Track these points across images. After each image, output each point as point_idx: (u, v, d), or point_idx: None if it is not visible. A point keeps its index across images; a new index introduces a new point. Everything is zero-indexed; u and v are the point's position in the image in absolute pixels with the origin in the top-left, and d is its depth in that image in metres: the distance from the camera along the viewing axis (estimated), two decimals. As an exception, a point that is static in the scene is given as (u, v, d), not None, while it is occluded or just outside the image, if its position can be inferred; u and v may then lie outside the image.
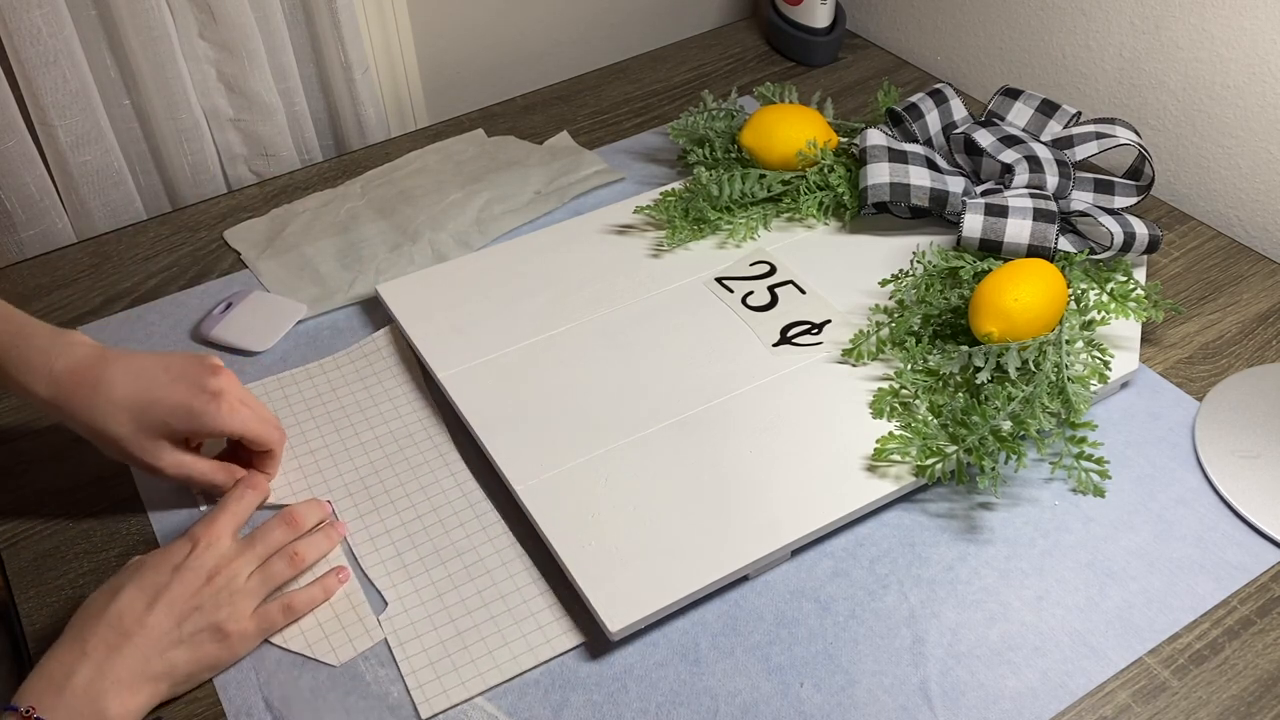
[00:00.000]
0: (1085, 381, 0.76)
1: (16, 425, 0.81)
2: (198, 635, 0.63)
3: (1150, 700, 0.64)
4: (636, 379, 0.81)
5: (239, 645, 0.65)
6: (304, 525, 0.70)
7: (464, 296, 0.88)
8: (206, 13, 0.98)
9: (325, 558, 0.71)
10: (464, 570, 0.71)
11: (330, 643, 0.67)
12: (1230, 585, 0.70)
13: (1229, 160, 0.98)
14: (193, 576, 0.64)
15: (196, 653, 0.63)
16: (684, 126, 1.02)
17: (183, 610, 0.63)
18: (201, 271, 0.95)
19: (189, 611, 0.63)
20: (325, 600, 0.69)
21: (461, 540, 0.73)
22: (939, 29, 1.21)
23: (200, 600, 0.64)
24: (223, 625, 0.64)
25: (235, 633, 0.64)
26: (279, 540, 0.69)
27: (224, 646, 0.64)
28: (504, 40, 1.22)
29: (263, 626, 0.66)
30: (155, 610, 0.62)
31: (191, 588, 0.64)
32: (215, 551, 0.66)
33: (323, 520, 0.72)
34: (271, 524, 0.69)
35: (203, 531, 0.66)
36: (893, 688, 0.65)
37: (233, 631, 0.64)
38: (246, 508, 0.70)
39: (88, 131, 0.97)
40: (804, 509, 0.71)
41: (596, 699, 0.65)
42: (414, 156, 1.07)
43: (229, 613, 0.64)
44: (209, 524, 0.67)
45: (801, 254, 0.92)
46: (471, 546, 0.72)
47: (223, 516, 0.68)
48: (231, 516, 0.68)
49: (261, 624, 0.66)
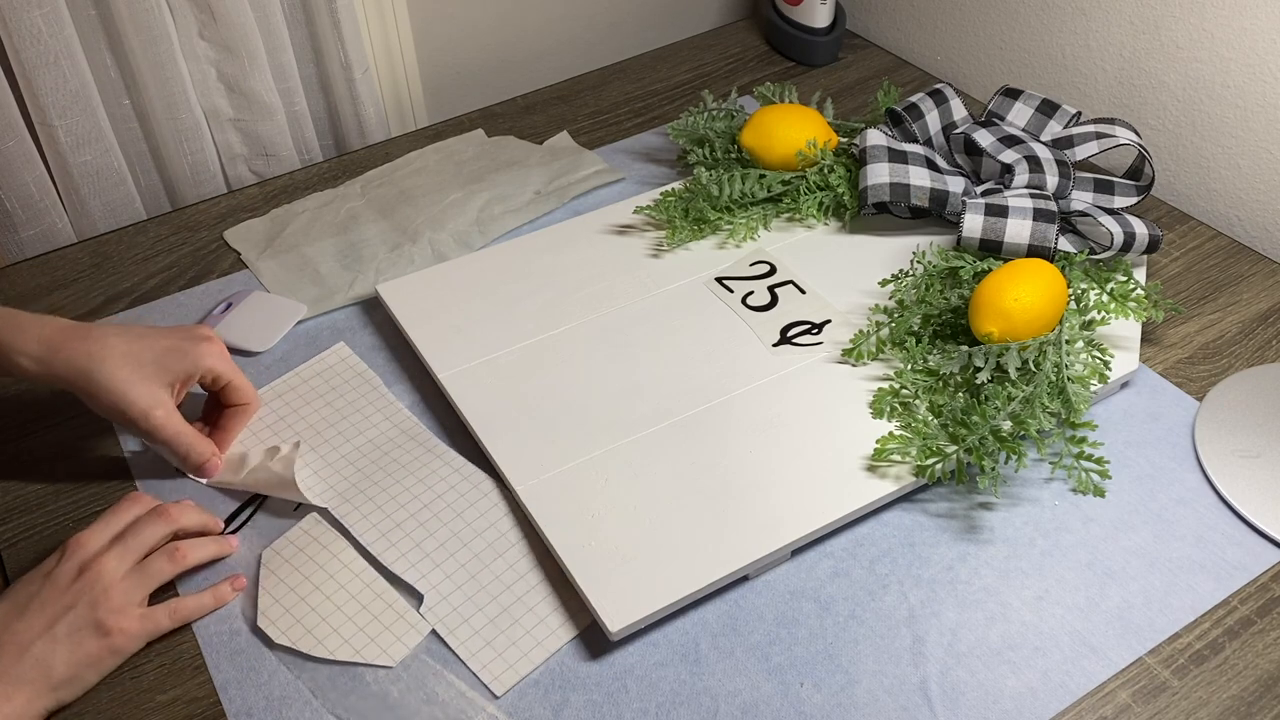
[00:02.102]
0: (1085, 381, 0.76)
1: (16, 425, 0.81)
2: (76, 634, 0.62)
3: (1150, 700, 0.65)
4: (636, 379, 0.81)
5: (122, 643, 0.63)
6: (177, 520, 0.68)
7: (464, 296, 0.88)
8: (206, 13, 0.98)
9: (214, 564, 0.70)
10: (489, 548, 0.71)
11: (378, 645, 0.67)
12: (1230, 585, 0.70)
13: (1229, 160, 0.98)
14: (63, 578, 0.63)
15: (76, 652, 0.62)
16: (684, 126, 1.02)
17: (54, 611, 0.62)
18: (201, 272, 0.95)
19: (62, 611, 0.62)
20: (216, 608, 0.68)
21: (478, 520, 0.73)
22: (939, 29, 1.21)
23: (72, 599, 0.62)
24: (102, 621, 0.62)
25: (116, 629, 0.63)
26: (152, 535, 0.67)
27: (106, 644, 0.63)
28: (504, 40, 1.22)
29: (148, 627, 0.65)
30: (25, 615, 0.61)
31: (60, 587, 0.63)
32: (85, 551, 0.65)
33: (205, 527, 0.71)
34: (144, 519, 0.68)
35: (73, 540, 0.65)
36: (893, 688, 0.65)
37: (113, 628, 0.63)
38: (121, 520, 0.68)
39: (88, 131, 0.97)
40: (804, 509, 0.71)
41: (596, 699, 0.65)
42: (414, 156, 1.07)
43: (106, 608, 0.63)
44: (82, 533, 0.66)
45: (801, 254, 0.92)
46: (490, 524, 0.73)
47: (97, 525, 0.67)
48: (105, 526, 0.67)
49: (146, 624, 0.65)
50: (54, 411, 0.82)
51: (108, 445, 0.80)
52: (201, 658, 0.67)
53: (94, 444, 0.80)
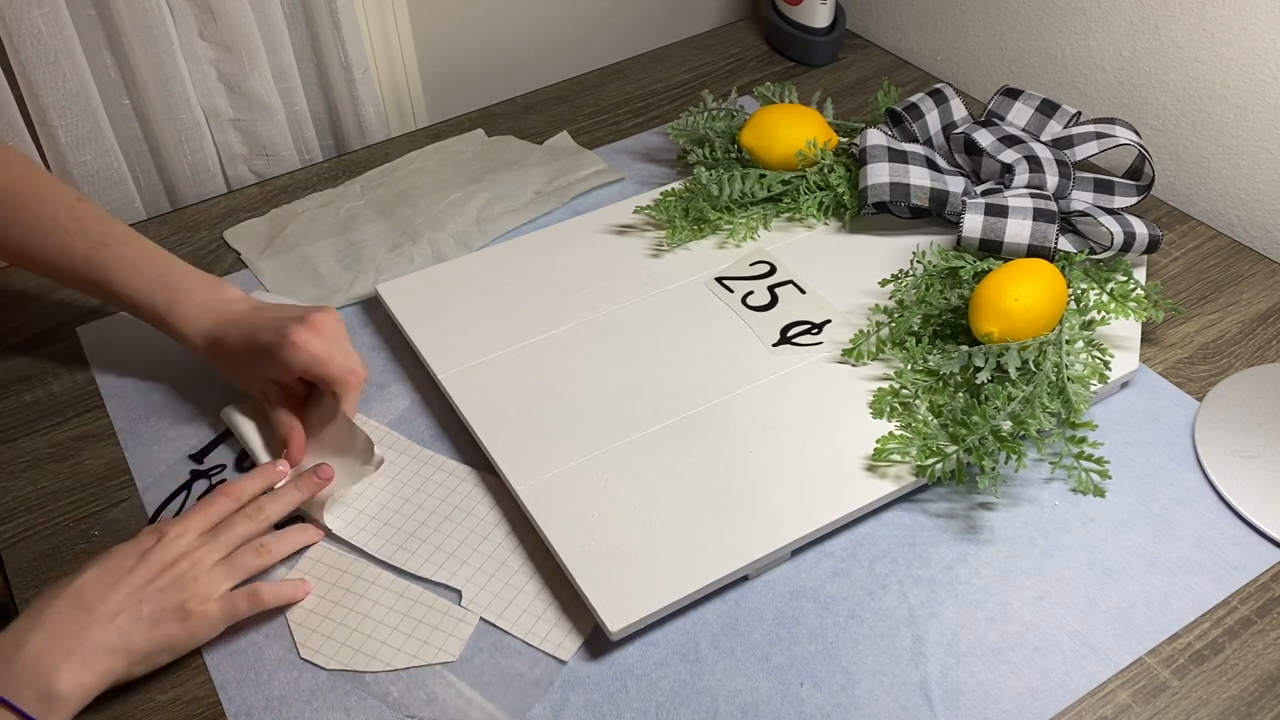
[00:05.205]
0: (1085, 381, 0.76)
1: (16, 425, 0.81)
2: (160, 614, 0.63)
3: (1150, 700, 0.64)
4: (636, 379, 0.81)
5: (201, 627, 0.65)
6: (271, 519, 0.71)
7: (464, 296, 0.88)
8: (206, 13, 0.98)
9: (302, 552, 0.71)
10: (510, 535, 0.72)
11: (433, 645, 0.67)
12: (1230, 585, 0.70)
13: (1229, 160, 0.98)
14: (156, 562, 0.65)
15: (156, 631, 0.63)
16: (684, 126, 1.02)
17: (144, 592, 0.63)
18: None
19: (151, 593, 0.63)
20: (294, 601, 0.69)
21: (489, 513, 0.74)
22: (939, 29, 1.21)
23: (163, 584, 0.64)
24: (185, 604, 0.64)
25: (198, 613, 0.64)
26: (245, 532, 0.69)
27: (185, 627, 0.64)
28: (504, 40, 1.22)
29: (227, 612, 0.66)
30: (117, 589, 0.63)
31: (154, 571, 0.64)
32: (182, 542, 0.66)
33: (271, 484, 0.73)
34: (235, 518, 0.69)
35: (171, 525, 0.67)
36: (893, 688, 0.65)
37: (195, 611, 0.64)
38: (218, 511, 0.70)
39: (88, 131, 0.97)
40: (804, 509, 0.71)
41: (596, 699, 0.65)
42: (414, 156, 1.07)
43: (192, 593, 0.64)
44: (179, 519, 0.68)
45: (801, 254, 0.92)
46: (503, 514, 0.73)
47: (194, 514, 0.68)
48: (202, 516, 0.69)
49: (226, 609, 0.66)
50: (54, 411, 0.82)
51: (108, 445, 0.80)
52: (201, 658, 0.67)
53: (94, 444, 0.80)
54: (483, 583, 0.70)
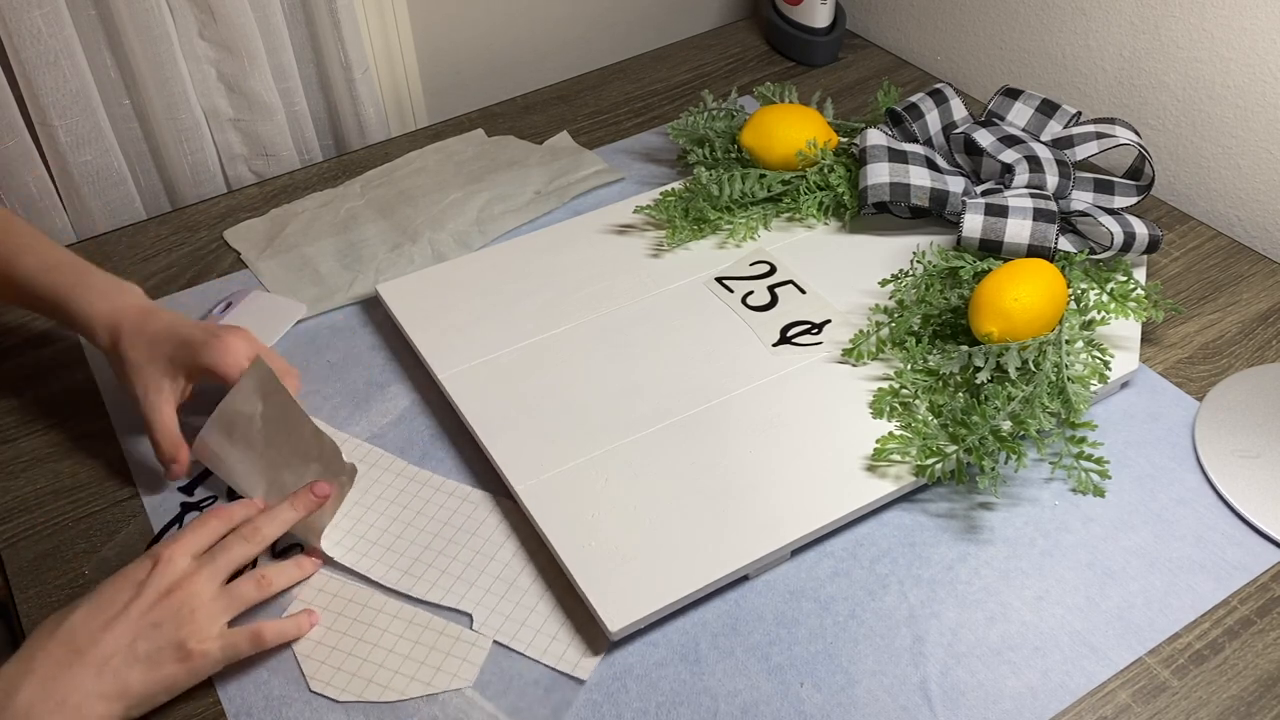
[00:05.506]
0: (1085, 381, 0.76)
1: (16, 425, 0.81)
2: (157, 654, 0.60)
3: (1150, 700, 0.64)
4: (636, 379, 0.81)
5: (201, 666, 0.62)
6: (266, 539, 0.68)
7: (464, 296, 0.88)
8: (206, 13, 0.98)
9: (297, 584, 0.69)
10: (517, 554, 0.71)
11: (446, 671, 0.65)
12: (1230, 585, 0.70)
13: (1229, 160, 0.98)
14: (153, 591, 0.62)
15: (155, 673, 0.60)
16: (684, 126, 1.02)
17: (140, 628, 0.61)
18: (201, 271, 0.95)
19: (147, 629, 0.61)
20: (298, 637, 0.67)
21: (493, 533, 0.73)
22: (939, 29, 1.21)
23: (159, 617, 0.61)
24: (185, 644, 0.61)
25: (198, 652, 0.62)
26: (239, 555, 0.66)
27: (185, 668, 0.61)
28: (504, 40, 1.22)
29: (228, 652, 0.64)
30: (112, 628, 0.60)
31: (150, 602, 0.62)
32: (175, 568, 0.63)
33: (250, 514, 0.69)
34: (230, 539, 0.67)
35: (163, 548, 0.65)
36: (893, 688, 0.65)
37: (195, 650, 0.61)
38: (211, 533, 0.67)
39: (88, 131, 0.97)
40: (804, 509, 0.71)
41: (596, 699, 0.65)
42: (414, 156, 1.07)
43: (190, 631, 0.62)
44: (170, 542, 0.65)
45: (801, 254, 0.92)
46: (509, 532, 0.72)
47: (186, 536, 0.66)
48: (194, 537, 0.66)
49: (227, 649, 0.63)
50: (54, 411, 0.82)
51: (108, 445, 0.80)
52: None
53: (94, 444, 0.80)
54: (493, 604, 0.68)
